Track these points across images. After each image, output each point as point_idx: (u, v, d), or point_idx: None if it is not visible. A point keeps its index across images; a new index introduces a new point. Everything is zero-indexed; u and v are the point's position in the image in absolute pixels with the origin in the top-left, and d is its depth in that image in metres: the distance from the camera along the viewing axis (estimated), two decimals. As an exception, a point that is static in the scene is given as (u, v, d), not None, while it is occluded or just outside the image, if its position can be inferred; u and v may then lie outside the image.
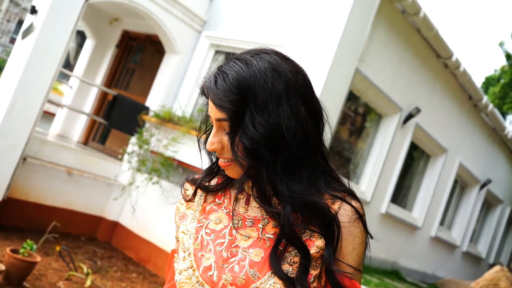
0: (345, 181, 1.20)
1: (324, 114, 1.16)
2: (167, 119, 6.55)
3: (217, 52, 7.51)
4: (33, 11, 5.77)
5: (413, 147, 9.13)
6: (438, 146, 9.39)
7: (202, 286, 1.08)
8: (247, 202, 1.17)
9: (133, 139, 6.93)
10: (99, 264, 5.87)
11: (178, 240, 1.20)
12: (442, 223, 10.93)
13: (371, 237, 1.17)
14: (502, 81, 19.37)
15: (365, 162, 7.88)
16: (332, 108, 6.36)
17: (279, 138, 1.04)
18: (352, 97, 7.33)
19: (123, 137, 7.66)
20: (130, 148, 6.98)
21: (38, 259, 4.59)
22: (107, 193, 7.03)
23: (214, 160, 1.24)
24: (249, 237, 1.11)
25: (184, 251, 1.15)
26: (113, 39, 8.92)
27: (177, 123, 6.47)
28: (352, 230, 1.11)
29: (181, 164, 6.48)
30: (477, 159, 11.26)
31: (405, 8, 6.97)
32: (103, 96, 8.59)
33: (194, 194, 1.24)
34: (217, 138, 1.11)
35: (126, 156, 6.92)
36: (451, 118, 9.64)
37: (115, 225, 7.05)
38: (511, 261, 15.74)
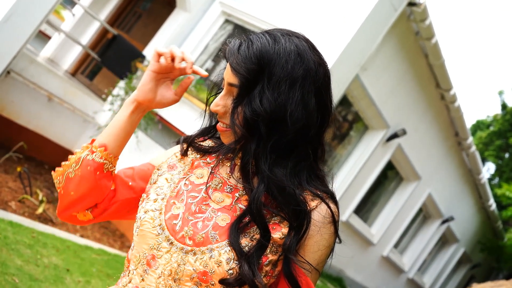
0: (330, 184, 1.21)
1: (332, 115, 1.17)
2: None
3: (226, 21, 7.42)
4: None
5: (389, 166, 9.22)
6: (413, 171, 9.49)
7: (163, 230, 1.09)
8: (232, 170, 1.15)
9: (122, 83, 6.85)
10: (55, 196, 5.82)
11: (155, 182, 1.19)
12: (396, 245, 11.10)
13: (340, 241, 1.16)
14: (491, 128, 19.65)
15: (340, 168, 7.94)
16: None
17: (280, 120, 1.05)
18: (345, 102, 7.35)
19: (112, 78, 7.56)
20: (116, 91, 6.90)
21: (-4, 173, 4.54)
22: (82, 129, 6.96)
23: (214, 123, 1.24)
24: (222, 202, 1.12)
25: (158, 195, 1.15)
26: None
27: (169, 80, 6.40)
28: (323, 231, 1.10)
29: (162, 121, 6.44)
30: (446, 194, 11.42)
31: (420, 30, 6.97)
32: (103, 32, 8.45)
33: (186, 150, 1.23)
34: (223, 102, 1.11)
35: (110, 98, 6.84)
36: (433, 148, 9.74)
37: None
38: (450, 299, 16.11)
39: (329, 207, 1.12)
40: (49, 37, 8.79)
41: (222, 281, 1.02)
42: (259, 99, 1.04)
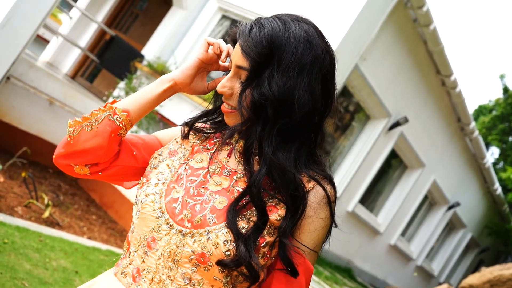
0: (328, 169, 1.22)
1: (334, 102, 1.19)
2: (159, 72, 6.49)
3: (223, 16, 7.41)
4: None
5: (393, 155, 9.21)
6: (417, 159, 9.49)
7: (163, 213, 1.11)
8: (230, 154, 1.19)
9: (122, 84, 6.86)
10: (61, 199, 5.85)
11: (156, 167, 1.21)
12: (403, 234, 11.11)
13: (336, 226, 1.18)
14: (494, 112, 19.58)
15: (343, 159, 7.94)
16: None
17: (288, 105, 1.07)
18: (345, 93, 7.34)
19: (112, 79, 7.57)
20: (116, 92, 6.91)
21: (1, 179, 4.56)
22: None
23: (216, 106, 1.26)
24: (220, 184, 1.14)
25: (159, 179, 1.17)
26: (123, -21, 8.74)
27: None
28: (319, 212, 1.12)
29: (163, 119, 6.45)
30: (451, 180, 11.41)
31: (417, 17, 6.95)
32: (101, 34, 8.46)
33: (188, 133, 1.26)
34: (230, 84, 1.13)
35: (110, 99, 6.85)
36: (436, 135, 9.72)
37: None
38: (459, 284, 16.12)
39: (324, 188, 1.13)
40: (47, 41, 8.80)
41: (219, 263, 1.04)
42: (268, 83, 1.06)
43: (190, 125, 1.26)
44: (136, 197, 1.18)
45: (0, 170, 4.81)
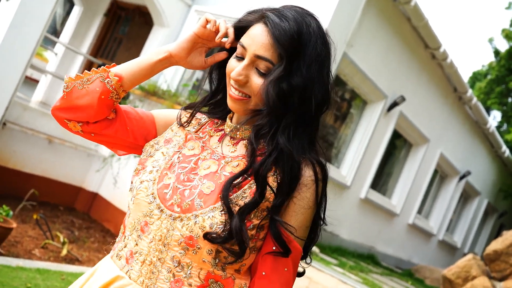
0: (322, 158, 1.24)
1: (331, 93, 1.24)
2: (152, 92, 6.50)
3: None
4: (19, -27, 5.63)
5: (396, 135, 9.20)
6: (420, 135, 9.47)
7: (154, 199, 1.16)
8: (220, 139, 1.25)
9: (117, 111, 6.87)
10: (76, 235, 5.85)
11: (152, 156, 1.26)
12: (420, 211, 11.08)
13: (320, 205, 1.19)
14: (489, 76, 19.51)
15: (348, 147, 7.93)
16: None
17: (308, 96, 1.14)
18: (339, 82, 7.33)
19: (106, 108, 7.58)
20: (113, 120, 6.91)
21: (14, 225, 4.57)
22: (88, 164, 6.98)
23: (212, 93, 1.32)
24: (209, 168, 1.19)
25: (154, 167, 1.22)
26: (101, 7, 8.78)
27: (162, 97, 6.42)
28: (304, 191, 1.15)
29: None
30: (458, 151, 11.38)
31: (397, -5, 6.95)
32: (88, 65, 8.48)
33: (189, 121, 1.31)
34: (246, 72, 1.15)
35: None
36: (435, 109, 9.70)
37: (94, 196, 7.02)
38: (484, 251, 16.07)
39: (313, 167, 1.16)
40: (37, 81, 8.82)
41: (206, 235, 1.07)
42: (295, 75, 1.12)
43: (192, 113, 1.31)
44: (132, 183, 1.24)
45: (12, 216, 4.82)
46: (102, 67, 1.26)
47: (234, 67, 1.17)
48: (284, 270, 1.13)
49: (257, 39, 1.14)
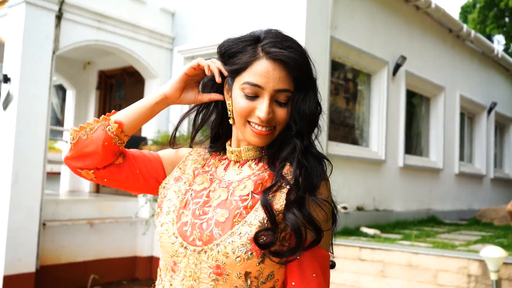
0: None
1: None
2: (167, 143, 6.55)
3: (194, 64, 7.52)
4: (6, 79, 5.79)
5: (411, 95, 9.10)
6: (434, 86, 9.35)
7: (177, 238, 1.21)
8: (226, 168, 1.31)
9: (141, 172, 6.94)
10: (146, 301, 5.89)
11: (165, 196, 1.32)
12: (462, 158, 10.88)
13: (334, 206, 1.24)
14: (478, 5, 19.24)
15: (369, 124, 7.86)
16: (319, 81, 6.33)
17: (320, 107, 1.26)
18: (337, 66, 7.31)
19: (130, 173, 7.67)
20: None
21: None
22: (133, 231, 7.06)
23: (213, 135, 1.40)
24: (219, 197, 1.23)
25: (169, 207, 1.28)
26: (91, 82, 8.95)
27: (177, 143, 6.47)
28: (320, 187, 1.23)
29: (194, 182, 6.50)
30: (476, 87, 11.20)
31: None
32: (99, 140, 8.61)
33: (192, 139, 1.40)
34: (271, 108, 1.20)
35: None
36: (438, 56, 9.59)
37: (150, 259, 7.07)
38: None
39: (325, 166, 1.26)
40: (58, 173, 8.98)
41: (260, 245, 1.10)
42: (313, 93, 1.23)
43: (211, 149, 1.39)
44: (156, 227, 1.31)
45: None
46: (103, 115, 1.33)
47: (248, 107, 1.20)
48: (312, 277, 1.14)
49: (273, 75, 1.18)
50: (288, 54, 1.18)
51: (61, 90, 10.27)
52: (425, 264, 4.89)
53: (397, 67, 7.98)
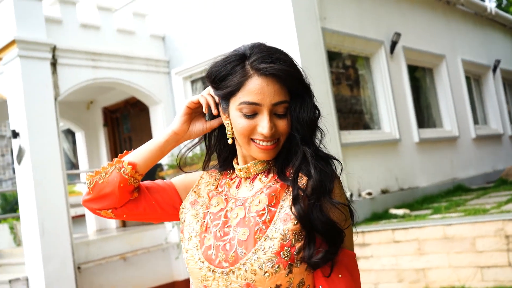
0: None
1: None
2: (182, 165, 6.58)
3: (192, 82, 7.56)
4: (15, 135, 5.88)
5: (412, 69, 9.05)
6: (434, 56, 9.30)
7: (203, 263, 1.23)
8: (238, 186, 1.32)
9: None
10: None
11: (184, 221, 1.34)
12: (476, 121, 10.78)
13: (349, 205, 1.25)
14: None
15: (377, 106, 7.83)
16: (319, 74, 6.36)
17: (318, 109, 1.28)
18: (334, 56, 7.30)
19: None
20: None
21: None
22: (166, 257, 7.09)
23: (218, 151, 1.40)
24: (237, 216, 1.25)
25: (190, 233, 1.29)
26: (97, 120, 9.03)
27: (193, 163, 6.50)
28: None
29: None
30: (476, 49, 11.11)
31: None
32: (116, 175, 8.68)
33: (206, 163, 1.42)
34: (272, 123, 1.21)
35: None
36: (431, 25, 9.54)
37: (188, 282, 7.08)
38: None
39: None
40: (83, 215, 9.06)
41: (311, 263, 1.12)
42: (309, 97, 1.24)
43: (220, 169, 1.40)
44: (182, 253, 1.33)
45: None
46: (116, 158, 1.36)
47: (249, 125, 1.21)
48: (339, 277, 1.14)
49: (267, 90, 1.18)
50: (279, 67, 1.18)
51: (70, 134, 10.38)
52: (461, 233, 4.84)
53: (393, 44, 7.95)
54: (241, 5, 6.73)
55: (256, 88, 1.18)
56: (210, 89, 1.30)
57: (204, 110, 1.29)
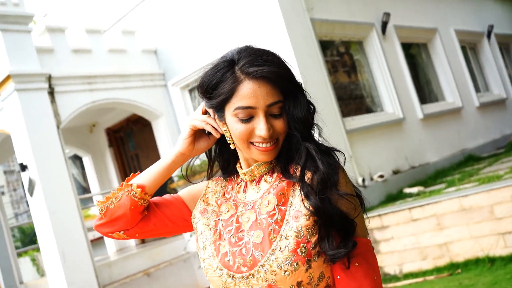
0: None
1: None
2: (192, 174, 6.60)
3: (190, 90, 7.57)
4: (23, 168, 5.91)
5: (407, 47, 9.01)
6: (426, 30, 9.26)
7: (222, 270, 1.24)
8: (245, 189, 1.33)
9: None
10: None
11: (197, 231, 1.35)
12: (477, 90, 10.72)
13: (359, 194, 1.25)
14: None
15: (376, 89, 7.81)
16: (314, 64, 6.36)
17: (312, 104, 1.28)
18: (326, 44, 7.29)
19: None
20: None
21: None
22: (189, 267, 7.10)
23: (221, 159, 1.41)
24: (249, 219, 1.26)
25: (204, 241, 1.31)
26: (102, 142, 9.07)
27: (201, 170, 6.52)
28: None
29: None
30: (467, 17, 11.06)
31: None
32: (128, 193, 8.71)
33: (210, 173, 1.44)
34: (269, 124, 1.21)
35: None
36: (421, 0, 9.51)
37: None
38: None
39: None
40: (101, 238, 9.09)
41: (331, 257, 1.12)
42: (301, 94, 1.24)
43: (224, 176, 1.42)
44: (200, 263, 1.34)
45: None
46: (124, 182, 1.39)
47: (247, 130, 1.21)
48: (355, 266, 1.15)
49: (260, 92, 1.19)
50: (268, 69, 1.18)
51: (77, 159, 10.43)
52: (478, 203, 4.82)
53: (384, 25, 7.93)
54: (228, 8, 6.74)
55: (248, 92, 1.18)
56: (201, 107, 1.32)
57: (209, 132, 1.33)
